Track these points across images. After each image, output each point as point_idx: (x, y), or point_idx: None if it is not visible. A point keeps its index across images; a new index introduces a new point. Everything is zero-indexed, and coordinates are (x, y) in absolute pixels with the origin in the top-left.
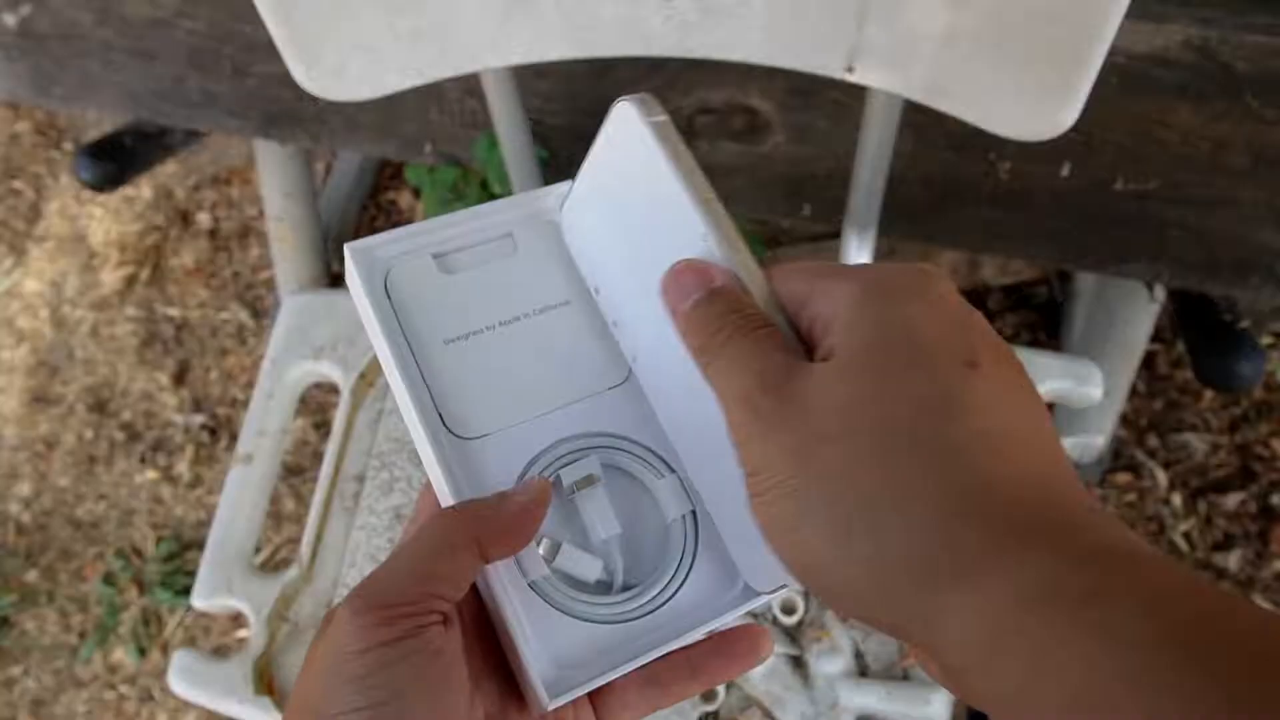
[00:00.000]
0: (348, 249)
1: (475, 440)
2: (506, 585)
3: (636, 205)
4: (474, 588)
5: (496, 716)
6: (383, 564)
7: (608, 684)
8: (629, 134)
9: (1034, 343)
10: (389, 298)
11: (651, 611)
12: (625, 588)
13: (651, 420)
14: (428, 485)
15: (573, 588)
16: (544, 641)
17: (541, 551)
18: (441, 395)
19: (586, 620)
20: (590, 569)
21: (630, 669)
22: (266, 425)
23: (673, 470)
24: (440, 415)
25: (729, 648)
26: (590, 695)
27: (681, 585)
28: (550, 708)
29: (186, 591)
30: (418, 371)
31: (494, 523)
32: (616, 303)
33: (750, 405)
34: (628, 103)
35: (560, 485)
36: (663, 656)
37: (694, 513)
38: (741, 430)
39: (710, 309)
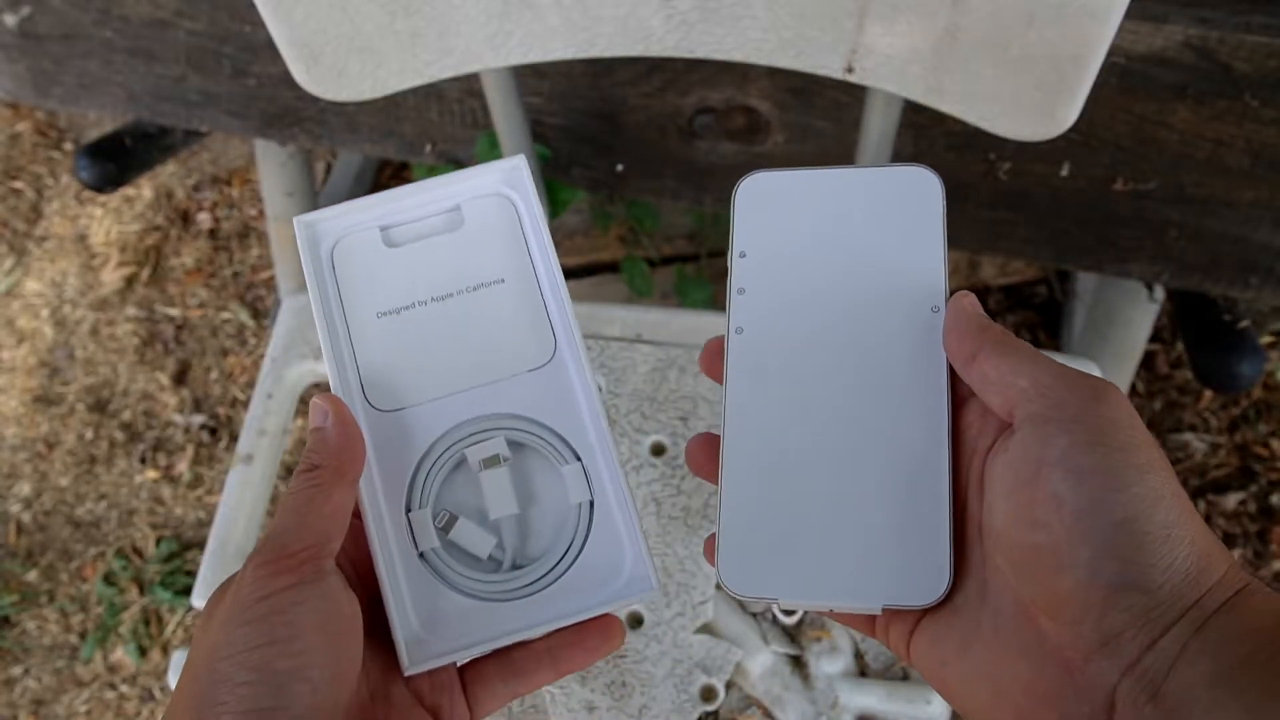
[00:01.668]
0: (296, 222)
1: (390, 413)
2: (393, 552)
3: (871, 233)
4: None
5: (380, 689)
6: (273, 521)
7: (474, 674)
8: (915, 189)
9: (1034, 343)
10: (334, 270)
11: (531, 594)
12: (515, 567)
13: (567, 405)
14: None
15: (463, 563)
16: (418, 610)
17: (437, 524)
18: (367, 367)
19: (466, 594)
20: (483, 545)
21: (497, 645)
22: (266, 425)
23: (578, 458)
24: (363, 386)
25: (583, 639)
26: (462, 683)
27: (565, 573)
28: (410, 672)
29: (186, 591)
30: (347, 344)
31: (340, 454)
32: (762, 278)
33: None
34: (930, 174)
35: (466, 462)
36: (524, 645)
37: (592, 502)
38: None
39: (984, 317)
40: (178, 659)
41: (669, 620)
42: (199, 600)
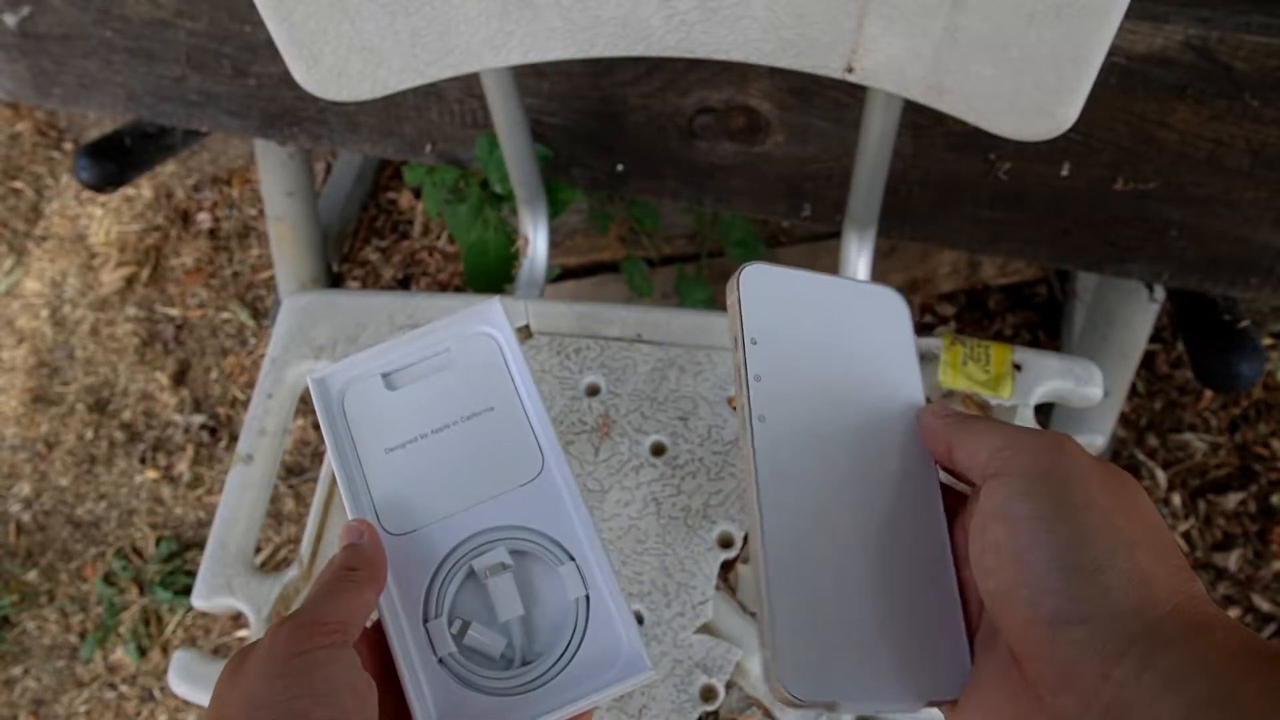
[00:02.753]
0: (309, 379)
1: (403, 536)
2: (414, 659)
3: (862, 338)
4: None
5: None
6: (311, 594)
7: None
8: (885, 306)
9: (1034, 343)
10: (345, 416)
11: (541, 685)
12: (524, 662)
13: (558, 511)
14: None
15: (478, 664)
16: (439, 709)
17: (452, 631)
18: (380, 497)
19: (483, 691)
20: (494, 646)
21: None
22: (266, 425)
23: (572, 558)
24: (378, 514)
25: None
26: None
27: (569, 663)
28: None
29: (186, 591)
30: (361, 479)
31: (373, 564)
32: (774, 366)
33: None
34: (899, 296)
35: (473, 572)
36: None
37: (587, 597)
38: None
39: (957, 414)
40: (178, 659)
41: (669, 620)
42: (199, 600)
